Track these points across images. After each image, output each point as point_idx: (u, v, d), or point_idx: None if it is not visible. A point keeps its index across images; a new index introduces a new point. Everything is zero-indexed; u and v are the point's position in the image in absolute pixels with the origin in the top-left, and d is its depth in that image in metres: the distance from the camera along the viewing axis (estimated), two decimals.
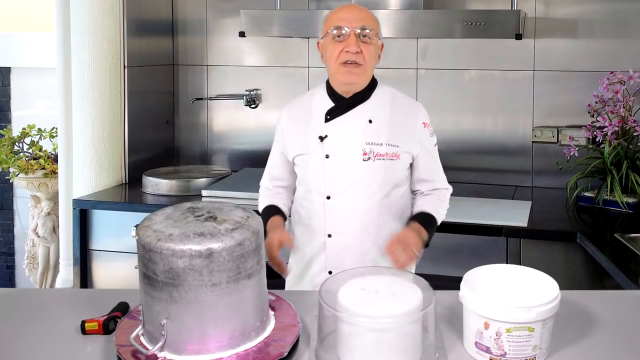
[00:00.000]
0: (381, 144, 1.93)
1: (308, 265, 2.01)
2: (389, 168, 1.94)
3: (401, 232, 1.93)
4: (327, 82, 2.02)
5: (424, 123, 2.01)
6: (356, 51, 1.88)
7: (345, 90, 1.96)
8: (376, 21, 1.96)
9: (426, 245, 1.98)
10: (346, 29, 1.90)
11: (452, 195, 2.91)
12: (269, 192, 2.12)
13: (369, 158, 1.93)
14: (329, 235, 1.95)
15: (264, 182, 2.16)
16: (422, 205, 2.02)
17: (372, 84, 2.00)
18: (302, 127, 2.00)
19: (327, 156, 1.94)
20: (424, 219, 1.98)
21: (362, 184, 1.92)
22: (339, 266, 1.90)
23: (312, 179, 1.97)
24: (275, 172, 2.10)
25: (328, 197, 1.94)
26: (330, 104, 1.98)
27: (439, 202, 2.05)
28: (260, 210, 2.09)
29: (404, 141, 1.96)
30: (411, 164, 2.02)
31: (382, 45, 2.00)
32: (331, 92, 1.99)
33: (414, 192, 2.07)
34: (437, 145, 2.07)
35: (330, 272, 1.94)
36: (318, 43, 2.02)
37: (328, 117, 1.96)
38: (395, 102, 2.00)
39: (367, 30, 1.91)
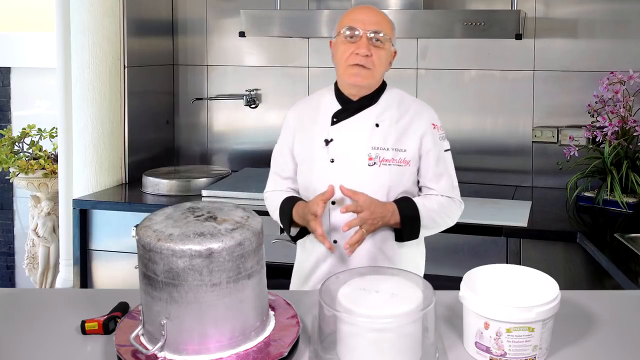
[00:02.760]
0: (387, 149, 1.88)
1: (313, 270, 1.96)
2: (396, 174, 1.89)
3: (367, 202, 1.81)
4: (336, 84, 1.98)
5: (433, 124, 1.94)
6: (366, 54, 1.84)
7: (352, 92, 1.92)
8: (392, 27, 1.91)
9: (401, 239, 1.90)
10: (359, 30, 1.85)
11: None
12: (282, 193, 2.00)
13: (375, 163, 1.87)
14: (335, 241, 1.90)
15: (271, 186, 2.05)
16: (417, 198, 1.92)
17: (381, 87, 1.96)
18: (309, 130, 1.96)
19: (332, 160, 1.90)
20: (406, 210, 1.87)
21: (367, 190, 1.85)
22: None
23: (317, 184, 1.90)
24: (285, 172, 2.01)
25: (333, 203, 1.88)
26: (337, 106, 1.94)
27: (439, 206, 1.91)
28: (277, 206, 1.96)
29: (412, 145, 1.90)
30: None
31: (395, 52, 1.96)
32: (339, 95, 1.95)
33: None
34: (449, 152, 1.97)
35: None
36: (330, 42, 1.97)
37: (334, 119, 1.93)
38: (404, 105, 1.95)
39: (381, 35, 1.85)
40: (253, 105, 3.53)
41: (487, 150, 3.28)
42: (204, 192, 3.03)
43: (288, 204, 1.94)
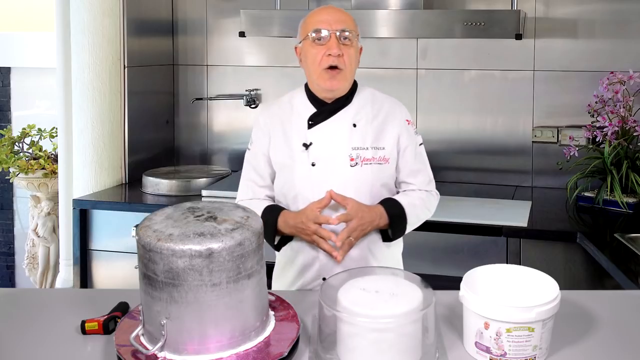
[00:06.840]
0: (367, 148, 1.89)
1: (301, 273, 1.95)
2: (378, 172, 1.90)
3: (354, 209, 1.81)
4: (307, 86, 1.98)
5: (407, 121, 1.96)
6: (338, 54, 1.84)
7: (327, 96, 1.92)
8: (355, 23, 1.92)
9: (389, 238, 1.92)
10: (326, 31, 1.86)
11: (452, 195, 2.92)
12: (260, 202, 1.96)
13: (357, 163, 1.88)
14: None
15: (246, 194, 1.99)
16: (400, 196, 1.94)
17: (353, 87, 1.96)
18: (285, 134, 1.94)
19: (313, 164, 1.89)
20: (393, 211, 1.88)
21: (350, 191, 1.86)
22: (333, 273, 1.82)
23: (299, 189, 1.89)
24: (262, 180, 1.98)
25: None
26: (312, 109, 1.93)
27: (420, 202, 1.95)
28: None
29: (389, 143, 1.92)
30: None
31: (362, 48, 1.96)
32: (312, 97, 1.95)
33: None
34: (423, 146, 2.00)
35: (324, 279, 1.90)
36: (296, 48, 1.97)
37: (311, 122, 1.92)
38: (377, 103, 1.96)
39: (347, 33, 1.86)
40: (253, 105, 3.53)
41: (487, 150, 3.28)
42: (204, 192, 3.03)
43: (271, 214, 1.91)
